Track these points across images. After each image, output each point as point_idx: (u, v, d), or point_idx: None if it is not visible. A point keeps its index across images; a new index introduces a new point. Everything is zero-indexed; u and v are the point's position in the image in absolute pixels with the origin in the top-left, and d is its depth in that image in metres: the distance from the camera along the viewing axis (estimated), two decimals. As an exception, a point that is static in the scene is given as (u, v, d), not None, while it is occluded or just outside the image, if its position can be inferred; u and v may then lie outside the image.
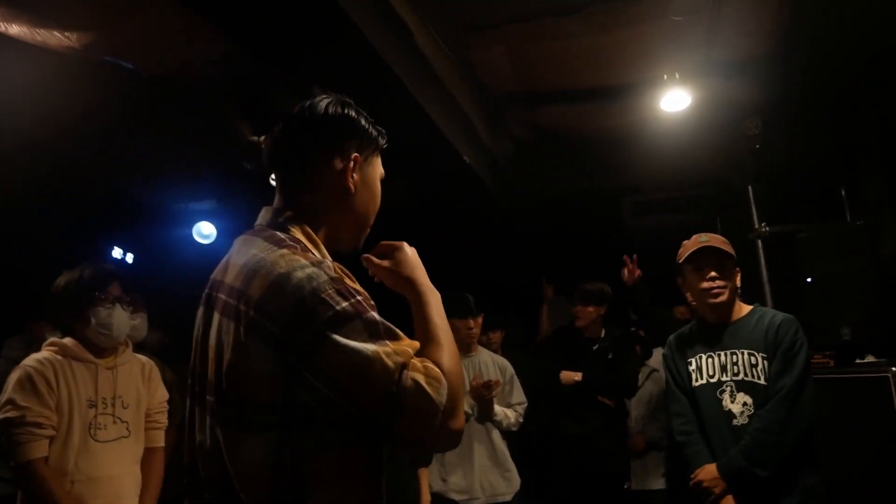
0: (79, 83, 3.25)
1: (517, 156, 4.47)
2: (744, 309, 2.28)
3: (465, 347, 3.49)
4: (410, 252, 1.21)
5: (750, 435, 2.06)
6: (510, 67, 3.74)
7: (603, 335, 3.79)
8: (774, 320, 2.16)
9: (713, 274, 2.20)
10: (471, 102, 3.75)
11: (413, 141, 3.62)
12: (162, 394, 2.33)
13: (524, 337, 4.68)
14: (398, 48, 2.97)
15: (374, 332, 0.97)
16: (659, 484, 4.13)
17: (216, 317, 1.05)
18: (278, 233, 1.08)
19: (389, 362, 0.95)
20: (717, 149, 4.33)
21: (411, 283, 1.17)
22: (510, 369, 3.58)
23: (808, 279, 4.02)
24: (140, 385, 2.23)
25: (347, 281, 1.02)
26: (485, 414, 3.33)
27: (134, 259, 4.91)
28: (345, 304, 0.97)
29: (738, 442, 2.09)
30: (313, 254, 1.07)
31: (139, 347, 3.06)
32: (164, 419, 2.31)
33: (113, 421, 2.09)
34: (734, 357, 2.17)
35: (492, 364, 3.53)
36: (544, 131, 4.35)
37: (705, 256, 2.22)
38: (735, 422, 2.12)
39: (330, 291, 0.97)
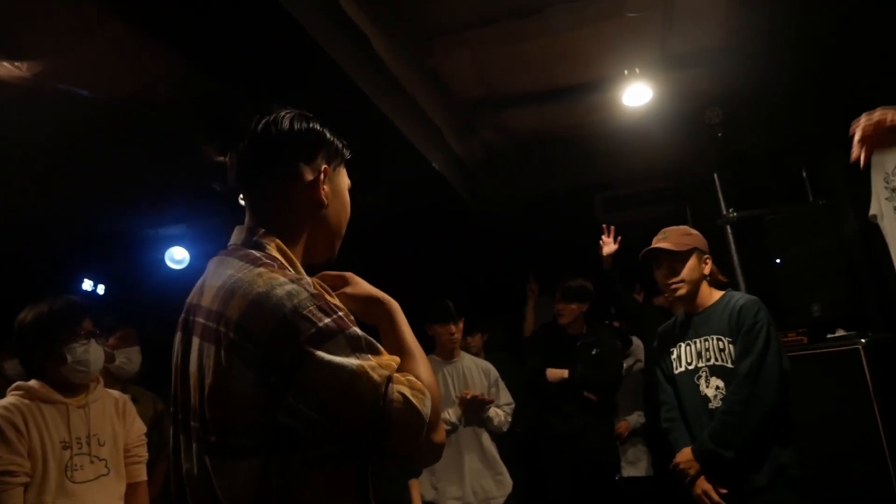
0: (36, 111, 3.18)
1: (487, 159, 4.50)
2: (714, 295, 2.34)
3: (447, 353, 3.50)
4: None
5: (717, 417, 2.14)
6: (474, 72, 3.76)
7: (586, 331, 3.84)
8: (737, 304, 2.23)
9: (666, 272, 2.31)
10: (437, 109, 3.76)
11: (381, 150, 3.62)
12: (139, 427, 2.27)
13: (506, 338, 4.70)
14: (358, 58, 2.97)
15: (357, 347, 0.96)
16: (650, 471, 4.18)
17: (195, 341, 1.03)
18: (253, 251, 1.07)
19: (375, 376, 0.94)
20: (682, 140, 4.41)
21: (377, 301, 1.17)
22: (494, 372, 3.59)
23: (778, 261, 4.12)
24: (115, 420, 2.16)
25: (327, 297, 1.02)
26: (474, 420, 3.34)
27: (106, 289, 4.81)
28: (327, 320, 0.95)
29: None
30: (290, 270, 1.05)
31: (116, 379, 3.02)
32: (143, 452, 2.25)
33: (90, 460, 2.02)
34: (706, 343, 2.25)
35: (475, 368, 3.54)
36: (513, 133, 4.39)
37: (657, 256, 2.33)
38: (710, 405, 2.20)
39: (311, 308, 0.95)
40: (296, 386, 0.92)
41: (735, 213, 4.05)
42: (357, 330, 0.99)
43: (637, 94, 3.93)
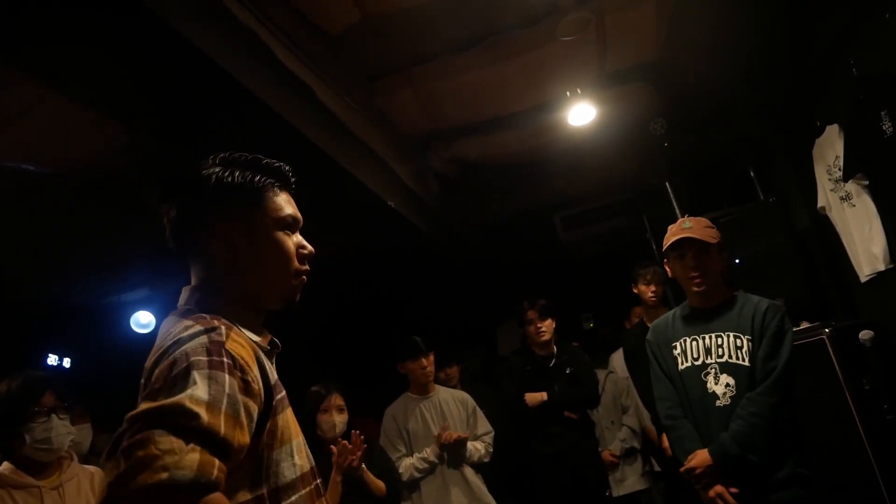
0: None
1: (443, 191, 4.54)
2: (726, 292, 2.29)
3: (422, 388, 3.49)
4: None
5: (742, 419, 2.05)
6: (419, 108, 3.82)
7: (556, 351, 3.84)
8: (760, 305, 2.18)
9: (693, 264, 2.21)
10: (387, 148, 3.81)
11: (335, 195, 3.64)
12: None
13: (481, 367, 4.69)
14: (302, 108, 3.00)
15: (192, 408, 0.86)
16: (640, 484, 4.17)
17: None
18: (194, 308, 1.08)
19: (171, 459, 0.81)
20: (631, 152, 4.51)
21: None
22: (471, 401, 3.58)
23: (737, 261, 4.20)
24: (90, 498, 2.10)
25: (242, 360, 0.98)
26: (455, 457, 3.33)
27: (72, 362, 4.71)
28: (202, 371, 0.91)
29: (721, 422, 2.10)
30: (223, 324, 1.03)
31: (93, 453, 2.93)
32: None
33: (69, 544, 1.98)
34: (719, 339, 2.16)
35: (452, 401, 3.52)
36: (465, 164, 4.44)
37: (685, 245, 2.22)
38: (718, 402, 2.12)
39: (201, 354, 0.93)
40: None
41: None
42: (229, 397, 0.91)
43: (582, 114, 4.02)
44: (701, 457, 2.10)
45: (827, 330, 3.42)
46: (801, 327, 3.69)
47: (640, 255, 4.59)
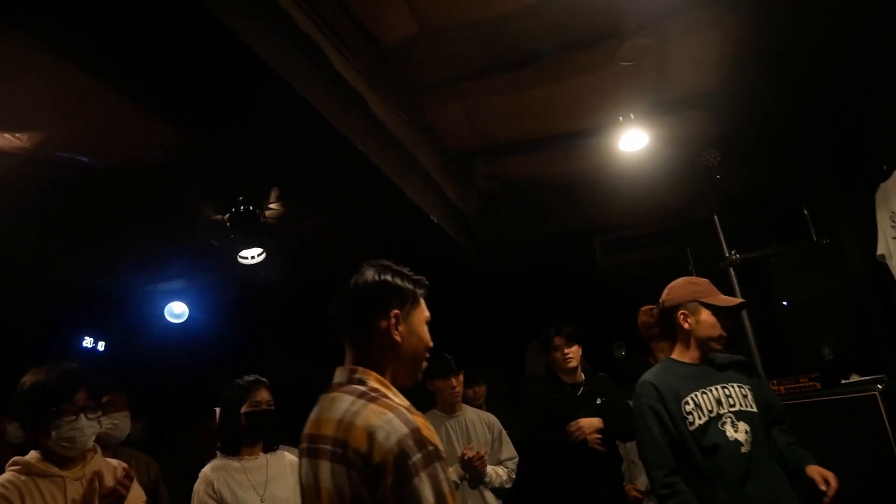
0: (36, 179, 3.21)
1: (484, 208, 4.49)
2: None
3: (449, 407, 3.43)
4: None
5: (794, 447, 2.30)
6: (467, 124, 3.78)
7: (584, 379, 3.71)
8: (734, 357, 2.44)
9: (728, 325, 2.37)
10: (432, 161, 3.77)
11: (378, 205, 3.62)
12: (137, 496, 2.22)
13: (508, 388, 4.61)
14: (355, 118, 2.99)
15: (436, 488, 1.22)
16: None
17: (325, 464, 1.29)
18: (358, 386, 1.36)
19: None
20: (680, 182, 4.39)
21: None
22: (498, 425, 3.50)
23: (784, 303, 4.05)
24: None
25: (424, 431, 1.27)
26: (477, 480, 3.26)
27: (106, 346, 4.78)
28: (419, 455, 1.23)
29: (748, 468, 2.17)
30: (389, 398, 1.34)
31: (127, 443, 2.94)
32: None
33: (91, 534, 1.98)
34: (727, 391, 2.30)
35: (478, 421, 3.46)
36: (508, 181, 4.39)
37: (736, 311, 2.45)
38: (742, 450, 2.19)
39: (409, 442, 1.23)
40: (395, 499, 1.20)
41: (738, 255, 4.00)
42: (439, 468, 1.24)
43: (633, 140, 3.93)
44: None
45: (879, 386, 3.27)
46: (850, 380, 3.53)
47: (679, 286, 4.47)
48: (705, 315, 2.35)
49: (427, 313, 1.51)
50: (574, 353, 3.62)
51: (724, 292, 3.84)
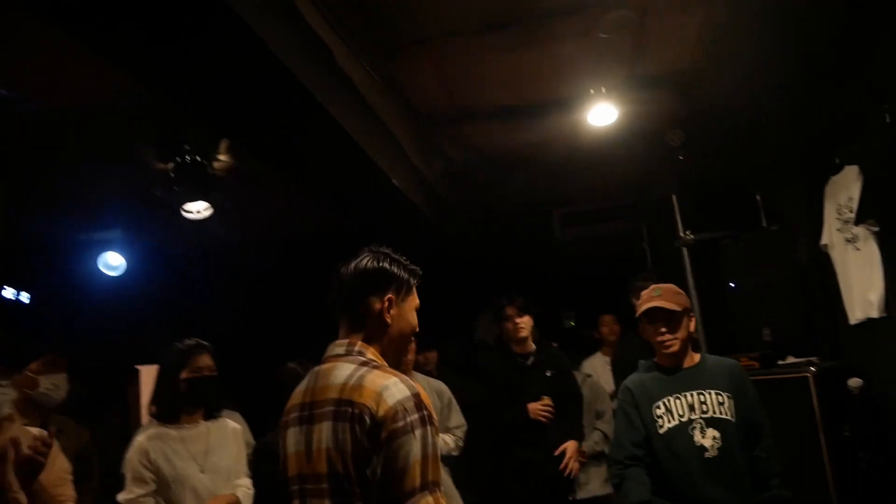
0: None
1: (448, 175, 4.37)
2: (695, 355, 2.49)
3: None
4: None
5: (767, 465, 2.34)
6: (438, 85, 3.62)
7: (534, 349, 3.70)
8: (727, 365, 2.46)
9: (663, 329, 2.40)
10: (399, 123, 3.60)
11: (339, 166, 3.44)
12: (60, 466, 2.07)
13: (458, 355, 4.60)
14: (317, 70, 2.76)
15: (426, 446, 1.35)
16: (602, 490, 4.16)
17: (326, 425, 1.39)
18: (359, 357, 1.48)
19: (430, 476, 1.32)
20: (643, 159, 4.40)
21: None
22: (447, 392, 3.47)
23: (732, 284, 4.16)
24: None
25: (423, 397, 1.40)
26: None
27: (32, 297, 4.41)
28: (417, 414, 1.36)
29: (708, 473, 2.27)
30: (387, 368, 1.46)
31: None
32: (68, 491, 2.05)
33: (8, 510, 1.82)
34: (701, 397, 2.36)
35: (428, 388, 3.41)
36: (475, 149, 4.28)
37: (652, 312, 2.41)
38: (707, 454, 2.29)
39: (410, 404, 1.36)
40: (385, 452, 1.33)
41: (692, 236, 4.07)
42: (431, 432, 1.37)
43: (602, 114, 3.87)
44: None
45: (812, 369, 3.42)
46: (786, 361, 3.69)
47: (632, 261, 4.55)
48: (643, 324, 2.47)
49: (417, 301, 1.62)
50: (525, 323, 3.61)
51: (676, 271, 3.95)
